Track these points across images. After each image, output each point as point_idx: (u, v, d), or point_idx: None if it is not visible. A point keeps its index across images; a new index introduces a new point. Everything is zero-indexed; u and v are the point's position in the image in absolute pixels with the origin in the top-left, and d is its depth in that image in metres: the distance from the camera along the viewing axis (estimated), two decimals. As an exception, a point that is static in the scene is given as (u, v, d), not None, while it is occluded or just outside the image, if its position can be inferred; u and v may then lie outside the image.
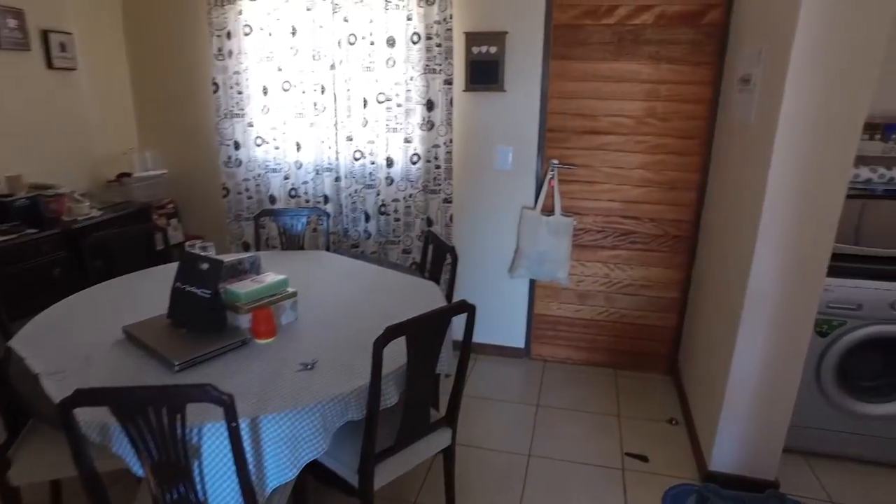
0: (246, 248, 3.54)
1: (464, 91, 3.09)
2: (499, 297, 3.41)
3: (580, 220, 3.21)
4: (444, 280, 2.91)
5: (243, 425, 1.41)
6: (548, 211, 3.19)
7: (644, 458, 2.61)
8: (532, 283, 3.37)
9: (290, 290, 2.01)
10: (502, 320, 3.45)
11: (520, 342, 3.48)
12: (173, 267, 2.35)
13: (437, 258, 2.67)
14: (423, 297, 2.27)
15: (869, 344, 2.46)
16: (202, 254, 1.96)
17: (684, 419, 2.91)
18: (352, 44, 3.08)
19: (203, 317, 1.85)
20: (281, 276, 2.00)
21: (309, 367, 1.69)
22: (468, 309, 1.76)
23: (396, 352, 1.64)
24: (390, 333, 1.52)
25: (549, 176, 3.15)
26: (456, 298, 3.42)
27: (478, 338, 3.51)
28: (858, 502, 2.41)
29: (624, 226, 3.17)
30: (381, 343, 1.51)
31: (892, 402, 2.51)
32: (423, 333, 1.65)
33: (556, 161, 3.14)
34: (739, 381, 2.31)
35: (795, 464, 2.61)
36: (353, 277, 2.49)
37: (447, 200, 3.21)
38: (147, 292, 2.25)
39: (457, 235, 3.34)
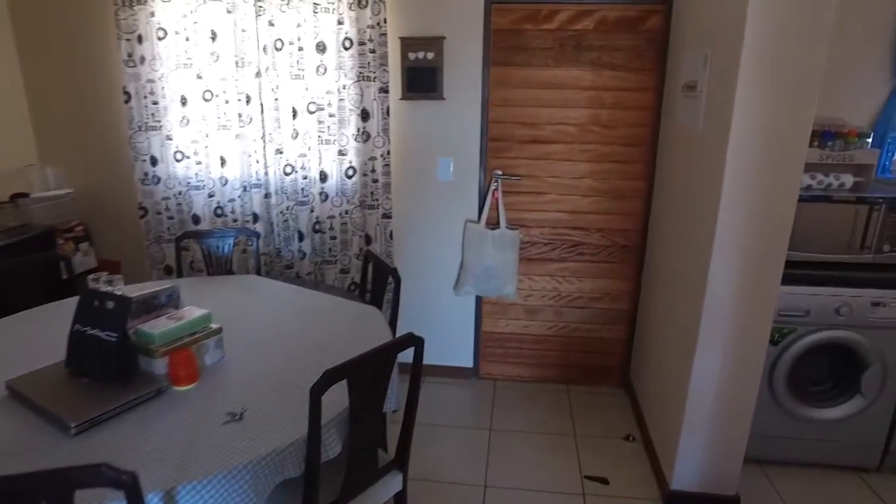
0: (168, 272, 3.22)
1: (401, 100, 2.91)
2: (444, 315, 3.25)
3: (526, 232, 3.10)
4: (388, 299, 2.72)
5: (155, 501, 1.17)
6: (493, 224, 3.06)
7: (604, 481, 2.50)
8: (479, 299, 3.22)
9: (213, 325, 1.77)
10: (449, 340, 3.29)
11: (468, 362, 3.33)
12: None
13: (377, 279, 2.47)
14: (365, 325, 2.07)
15: (816, 349, 2.45)
16: (107, 289, 1.70)
17: (641, 435, 2.83)
18: (279, 49, 2.85)
19: (108, 364, 1.58)
20: (203, 311, 1.76)
21: (237, 417, 1.46)
22: (416, 343, 1.58)
23: (338, 394, 1.44)
24: (329, 378, 1.32)
25: (492, 187, 3.02)
26: (400, 320, 3.26)
27: (424, 359, 3.33)
28: (799, 500, 2.41)
29: (571, 237, 3.08)
30: (318, 390, 1.31)
31: (840, 406, 2.51)
32: (366, 374, 1.46)
33: (499, 172, 3.01)
34: (699, 395, 2.24)
35: (752, 474, 2.57)
36: (288, 305, 2.26)
37: (386, 216, 3.02)
38: (44, 333, 1.95)
39: (398, 252, 3.15)
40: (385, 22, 2.75)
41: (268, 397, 1.56)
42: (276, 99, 2.93)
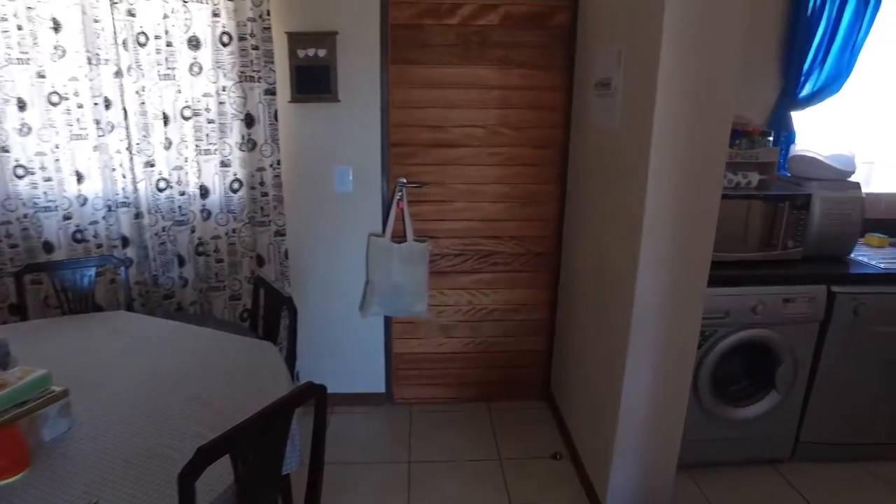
0: (14, 311, 2.68)
1: (290, 102, 2.60)
2: (351, 339, 2.96)
3: (435, 244, 2.88)
4: (285, 326, 2.39)
5: None
6: (399, 237, 2.81)
7: (535, 510, 2.33)
8: (388, 320, 2.96)
9: (56, 388, 1.39)
10: (358, 365, 3.00)
11: (380, 387, 3.06)
12: None
13: (271, 308, 2.16)
14: (257, 365, 1.76)
15: (735, 350, 2.42)
16: None
17: (568, 450, 2.69)
18: (142, 45, 2.45)
19: None
20: (39, 372, 1.37)
21: (84, 512, 1.12)
22: (316, 394, 1.31)
23: (222, 466, 1.14)
24: (203, 458, 1.02)
25: (396, 197, 2.77)
26: (302, 347, 2.90)
27: (332, 388, 3.01)
28: (724, 499, 2.40)
29: (484, 247, 2.90)
30: (190, 475, 1.00)
31: (759, 403, 2.50)
32: (254, 440, 1.16)
33: (403, 180, 2.77)
34: (631, 409, 2.12)
35: (680, 480, 2.49)
36: (163, 346, 1.89)
37: (280, 233, 2.69)
38: None
39: (295, 274, 2.82)
40: (268, 14, 2.43)
41: (128, 480, 1.21)
42: (143, 103, 2.51)
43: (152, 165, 2.58)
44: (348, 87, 2.59)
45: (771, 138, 2.51)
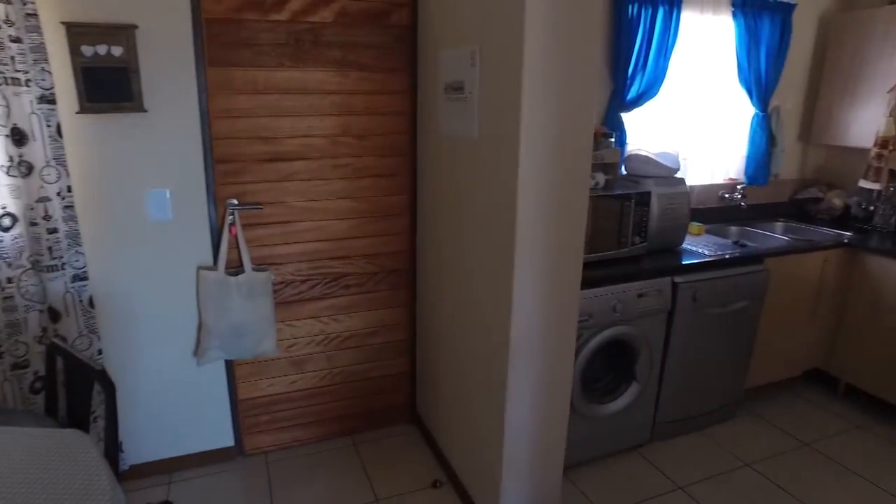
0: None
1: (78, 113, 2.06)
2: (186, 392, 2.48)
3: (278, 271, 2.52)
4: (101, 402, 1.89)
5: None
6: (235, 268, 2.41)
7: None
8: (229, 362, 2.54)
9: None
10: (197, 421, 2.53)
11: (227, 440, 2.61)
12: None
13: (74, 381, 1.67)
14: (62, 470, 1.31)
15: (599, 349, 2.46)
16: None
17: (447, 476, 2.54)
18: None
19: None
20: None
21: None
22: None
23: None
24: None
25: (228, 221, 2.37)
26: (124, 419, 2.35)
27: (169, 452, 2.52)
28: (617, 495, 2.45)
29: (333, 269, 2.62)
30: None
31: (623, 396, 2.59)
32: None
33: (234, 201, 2.38)
34: (517, 424, 2.02)
35: (560, 487, 2.49)
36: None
37: (80, 277, 2.13)
38: None
39: (106, 325, 2.27)
40: None
41: None
42: None
43: None
44: (157, 93, 2.12)
45: (612, 139, 2.59)
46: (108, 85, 2.04)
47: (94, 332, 2.20)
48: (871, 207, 3.37)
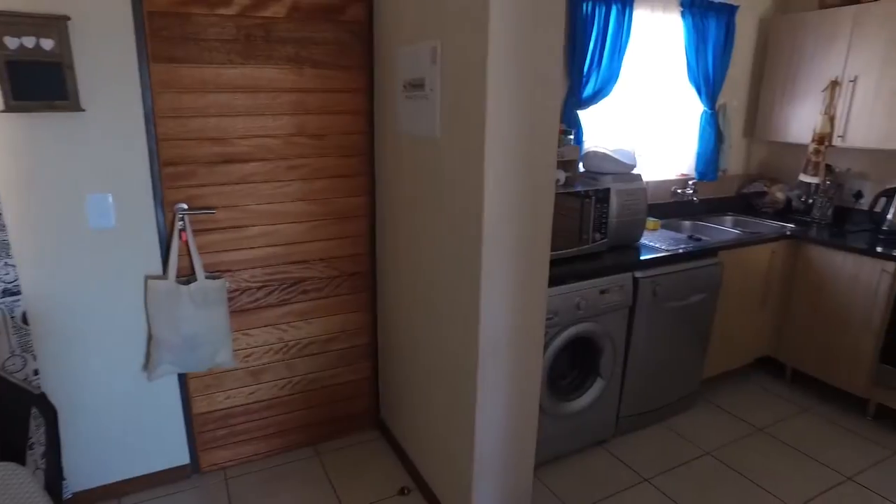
0: None
1: (4, 112, 1.89)
2: (135, 410, 2.32)
3: (233, 278, 2.41)
4: (37, 424, 1.73)
5: None
6: (186, 276, 2.28)
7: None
8: (181, 376, 2.40)
9: None
10: (148, 439, 2.38)
11: (182, 458, 2.47)
12: None
13: (7, 408, 1.53)
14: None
15: (564, 347, 2.46)
16: None
17: (414, 482, 2.48)
18: None
19: None
20: None
21: None
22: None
23: None
24: None
25: (178, 227, 2.24)
26: (66, 445, 2.18)
27: (119, 474, 2.36)
28: (586, 491, 2.45)
29: (290, 274, 2.52)
30: None
31: (588, 392, 2.60)
32: None
33: (184, 206, 2.25)
34: (487, 430, 1.99)
35: (529, 487, 2.48)
36: None
37: (10, 292, 1.96)
38: None
39: (43, 343, 2.10)
40: (-49, -11, 1.71)
41: None
42: None
43: None
44: (96, 91, 1.97)
45: (571, 136, 2.60)
46: (39, 81, 1.88)
47: (28, 351, 2.03)
48: (811, 200, 3.53)
